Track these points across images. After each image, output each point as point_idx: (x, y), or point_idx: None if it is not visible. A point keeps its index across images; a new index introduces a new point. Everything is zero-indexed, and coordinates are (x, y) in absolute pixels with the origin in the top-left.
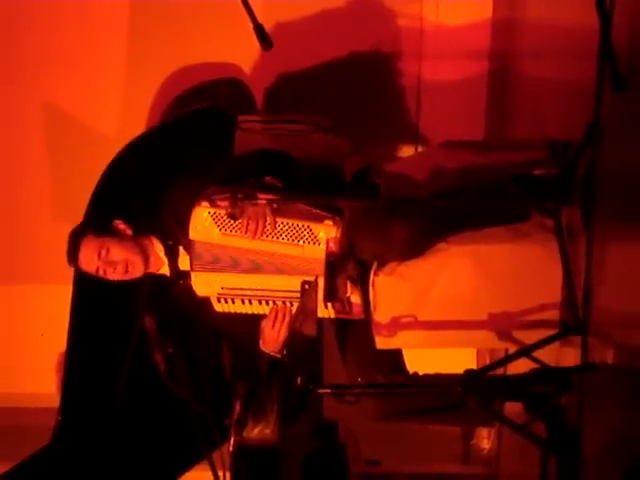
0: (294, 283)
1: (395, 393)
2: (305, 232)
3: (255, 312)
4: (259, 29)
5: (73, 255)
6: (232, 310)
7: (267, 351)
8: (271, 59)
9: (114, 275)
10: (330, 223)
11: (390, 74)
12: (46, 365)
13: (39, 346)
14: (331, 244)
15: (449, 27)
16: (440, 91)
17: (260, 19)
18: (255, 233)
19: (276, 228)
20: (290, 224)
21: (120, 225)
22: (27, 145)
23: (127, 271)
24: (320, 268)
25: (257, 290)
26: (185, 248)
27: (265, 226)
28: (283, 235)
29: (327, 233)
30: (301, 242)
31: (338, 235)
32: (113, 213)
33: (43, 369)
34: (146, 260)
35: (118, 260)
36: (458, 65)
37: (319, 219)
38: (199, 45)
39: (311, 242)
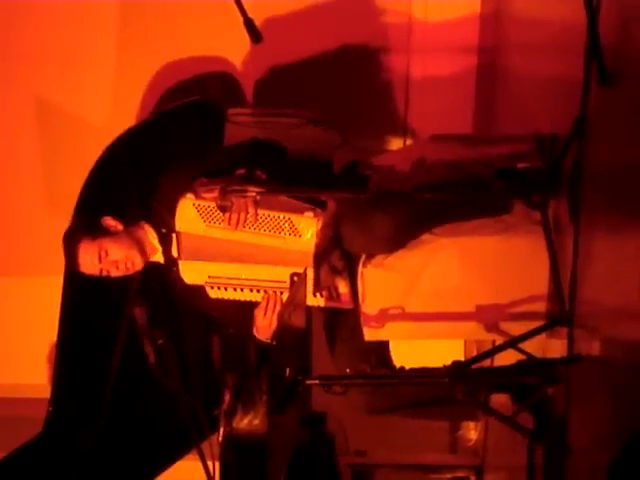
0: (278, 273)
1: (383, 384)
2: (286, 224)
3: (248, 299)
4: (249, 23)
5: (72, 260)
6: (226, 297)
7: (260, 338)
8: (261, 53)
9: (117, 273)
10: (311, 215)
11: (379, 68)
12: (36, 356)
13: (31, 338)
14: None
15: (438, 22)
16: (429, 85)
17: (250, 13)
18: (237, 225)
19: (258, 220)
20: (271, 216)
21: (109, 221)
22: (19, 139)
23: (128, 268)
24: (302, 259)
25: (243, 279)
26: (177, 235)
27: (247, 218)
28: (265, 227)
29: (308, 225)
30: (282, 234)
31: (319, 227)
32: (101, 209)
33: (33, 360)
34: (143, 251)
35: (119, 259)
36: (446, 60)
37: (299, 211)
38: (189, 38)
39: (292, 234)
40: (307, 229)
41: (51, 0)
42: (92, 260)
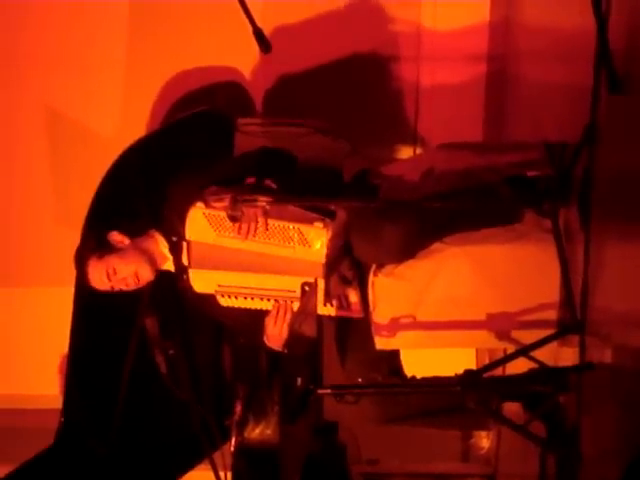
0: (288, 283)
1: (395, 393)
2: (295, 234)
3: (258, 308)
4: (258, 33)
5: (84, 279)
6: (236, 305)
7: (271, 346)
8: (270, 62)
9: (128, 287)
10: (320, 225)
11: (388, 77)
12: (48, 367)
13: (41, 348)
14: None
15: (447, 30)
16: (438, 93)
17: (259, 22)
18: (247, 235)
19: (268, 230)
20: (281, 226)
21: (115, 237)
22: (27, 148)
23: (137, 282)
24: (311, 269)
25: (253, 289)
26: (187, 244)
27: (257, 228)
28: (274, 237)
29: (317, 235)
30: (291, 244)
31: (329, 237)
32: (112, 220)
33: (45, 371)
34: (152, 263)
35: (127, 275)
36: (456, 68)
37: (309, 221)
38: (198, 48)
39: (301, 244)
40: (317, 239)
41: (60, 12)
42: (101, 279)
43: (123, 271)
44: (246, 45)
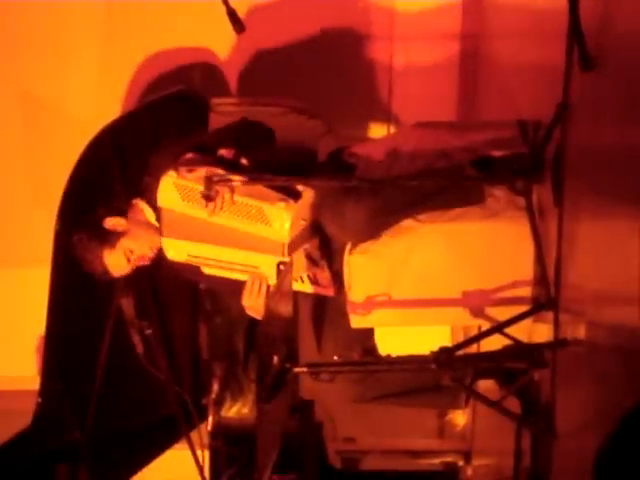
0: (252, 259)
1: (371, 371)
2: (257, 212)
3: (236, 278)
4: (232, 13)
5: (101, 271)
6: (217, 274)
7: (251, 315)
8: (244, 42)
9: (148, 260)
10: (282, 206)
11: (362, 55)
12: (25, 349)
13: (18, 330)
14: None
15: (420, 9)
16: (412, 72)
17: (232, 2)
18: (214, 211)
19: (234, 204)
20: (245, 203)
21: (111, 222)
22: (3, 130)
23: (153, 251)
24: (274, 247)
25: (221, 261)
26: (159, 211)
27: (223, 204)
28: (239, 212)
29: (278, 215)
30: (253, 221)
31: (292, 218)
32: (90, 202)
33: (22, 353)
34: (156, 229)
35: (144, 251)
36: (429, 46)
37: (271, 200)
38: (172, 30)
39: (262, 222)
40: (276, 219)
41: None
42: (121, 264)
43: (139, 249)
44: (220, 26)
